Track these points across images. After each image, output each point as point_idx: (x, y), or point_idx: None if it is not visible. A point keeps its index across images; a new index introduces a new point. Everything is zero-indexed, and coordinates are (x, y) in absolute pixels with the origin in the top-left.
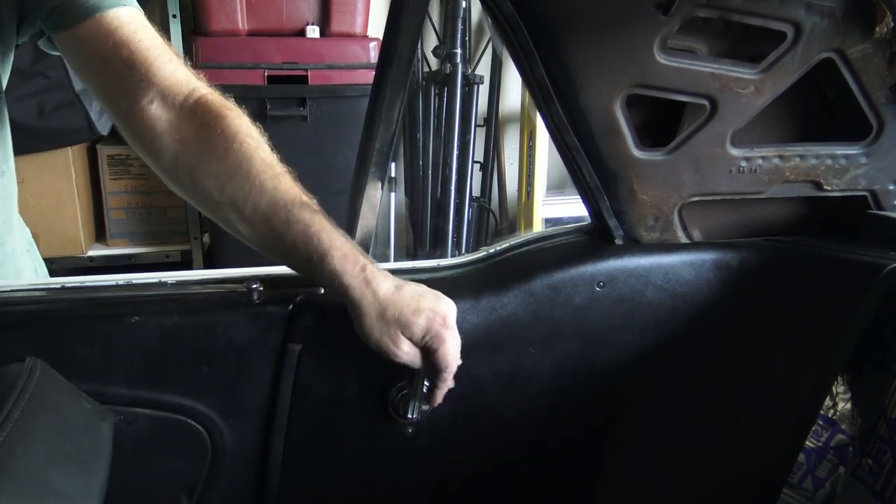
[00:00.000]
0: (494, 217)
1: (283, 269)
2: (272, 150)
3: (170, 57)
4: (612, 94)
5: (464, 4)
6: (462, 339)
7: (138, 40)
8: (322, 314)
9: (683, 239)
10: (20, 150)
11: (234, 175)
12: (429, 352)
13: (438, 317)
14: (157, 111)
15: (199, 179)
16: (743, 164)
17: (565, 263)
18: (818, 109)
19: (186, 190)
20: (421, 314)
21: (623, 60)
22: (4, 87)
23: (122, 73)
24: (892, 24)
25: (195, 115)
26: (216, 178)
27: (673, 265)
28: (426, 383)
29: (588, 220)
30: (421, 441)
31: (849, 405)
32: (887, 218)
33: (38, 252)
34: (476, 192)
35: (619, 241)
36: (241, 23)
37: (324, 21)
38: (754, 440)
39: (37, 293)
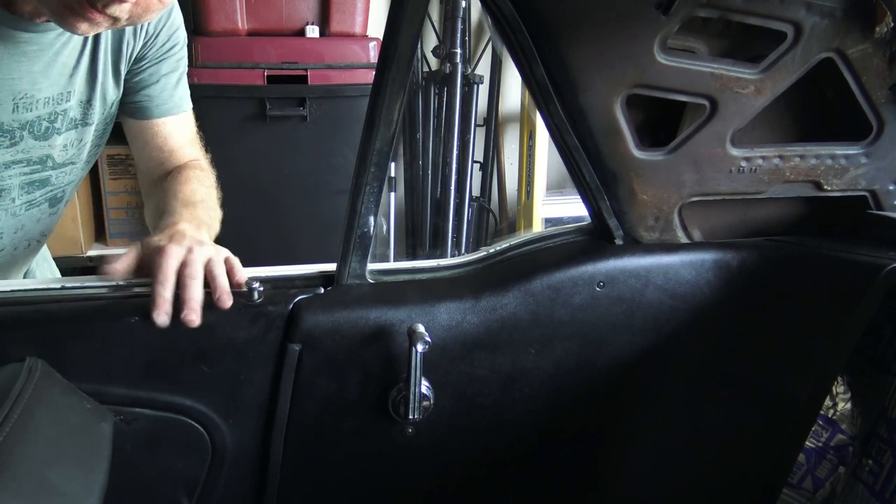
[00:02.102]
0: (494, 217)
1: (283, 270)
2: (209, 187)
3: (189, 143)
4: (612, 94)
5: (464, 4)
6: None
7: (174, 136)
8: (322, 314)
9: (683, 239)
10: None
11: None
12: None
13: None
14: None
15: (149, 204)
16: (743, 164)
17: (565, 263)
18: (818, 109)
19: (147, 212)
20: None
21: (623, 60)
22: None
23: (153, 154)
24: (892, 24)
25: (171, 173)
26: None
27: (673, 265)
28: (425, 383)
29: (588, 220)
30: (421, 441)
31: (849, 405)
32: (887, 218)
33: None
34: (476, 192)
35: (619, 241)
36: (241, 23)
37: (323, 21)
38: (754, 440)
39: (37, 293)
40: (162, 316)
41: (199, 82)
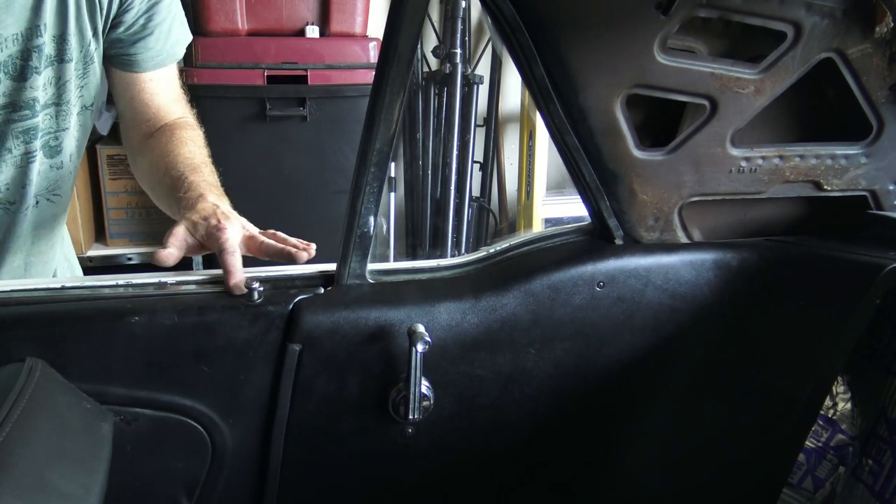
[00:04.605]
0: (494, 217)
1: (283, 269)
2: (203, 147)
3: (176, 100)
4: (611, 94)
5: (464, 4)
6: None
7: (161, 93)
8: (322, 314)
9: (683, 239)
10: None
11: (160, 153)
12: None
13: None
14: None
15: (142, 161)
16: (743, 164)
17: (565, 263)
18: (818, 109)
19: (140, 169)
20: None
21: (623, 60)
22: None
23: (140, 109)
24: (892, 24)
25: (162, 130)
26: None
27: (673, 265)
28: (425, 383)
29: (588, 220)
30: (421, 441)
31: (849, 405)
32: (887, 218)
33: (76, 263)
34: (476, 192)
35: (619, 241)
36: (241, 23)
37: (323, 21)
38: (754, 440)
39: (37, 293)
40: (241, 284)
41: (199, 82)
